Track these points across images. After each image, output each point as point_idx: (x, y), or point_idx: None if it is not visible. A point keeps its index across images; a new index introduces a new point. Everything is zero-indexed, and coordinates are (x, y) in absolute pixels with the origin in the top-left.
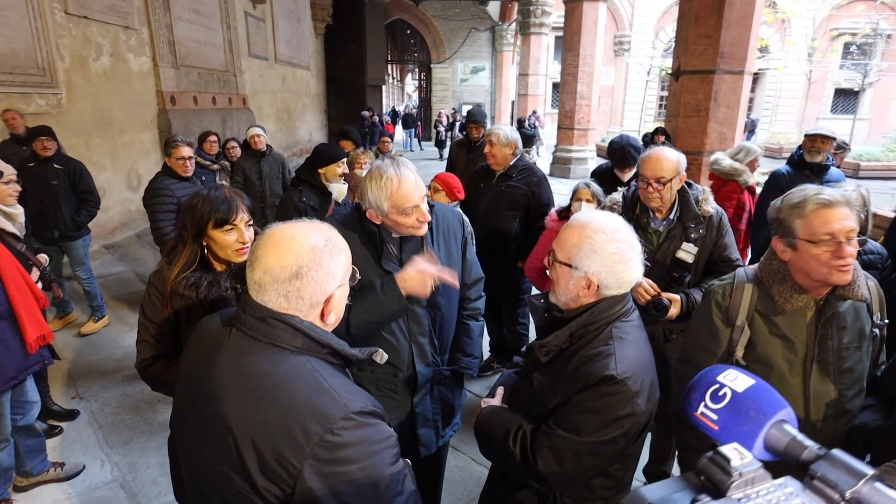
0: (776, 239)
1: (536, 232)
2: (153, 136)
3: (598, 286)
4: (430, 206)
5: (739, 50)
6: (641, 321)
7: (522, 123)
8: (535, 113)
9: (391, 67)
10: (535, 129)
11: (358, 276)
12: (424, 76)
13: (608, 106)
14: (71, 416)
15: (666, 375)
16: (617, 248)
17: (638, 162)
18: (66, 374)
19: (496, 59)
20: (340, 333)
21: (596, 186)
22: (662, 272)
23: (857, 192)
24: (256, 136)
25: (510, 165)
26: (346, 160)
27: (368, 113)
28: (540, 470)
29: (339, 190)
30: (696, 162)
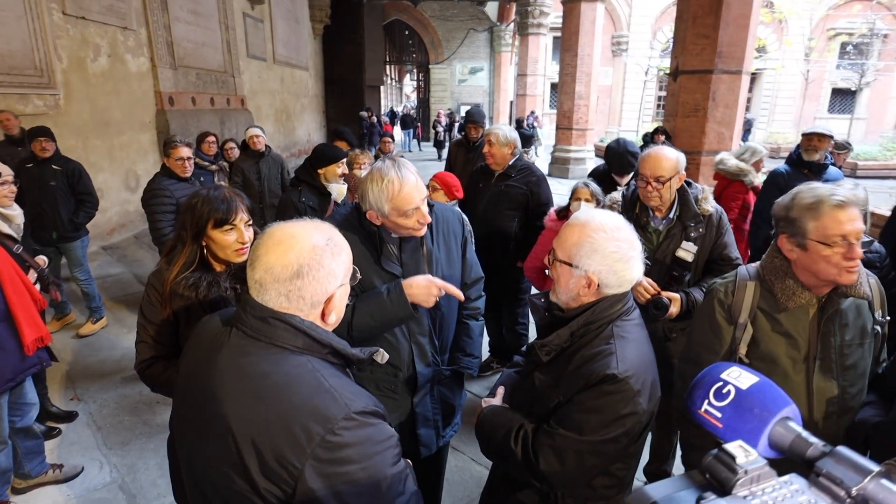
0: (784, 238)
1: (535, 231)
2: (151, 136)
3: (598, 285)
4: (429, 205)
5: (737, 50)
6: (642, 320)
7: (521, 124)
8: (533, 113)
9: (389, 68)
10: (533, 129)
11: (359, 275)
12: (423, 77)
13: (606, 106)
14: (69, 417)
15: (666, 374)
16: (617, 246)
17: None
18: (64, 375)
19: (494, 59)
20: (342, 334)
21: (595, 186)
22: (662, 271)
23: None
24: (255, 136)
25: (509, 165)
26: (345, 160)
27: (367, 113)
28: (541, 469)
29: (338, 190)
30: (694, 161)
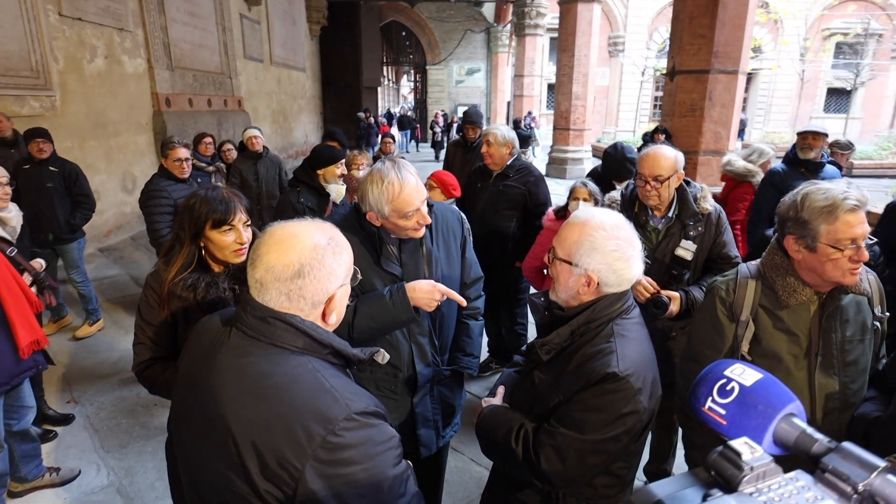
0: (791, 239)
1: (534, 231)
2: (148, 138)
3: (598, 283)
4: (429, 205)
5: (733, 50)
6: (642, 318)
7: (518, 124)
8: (530, 114)
9: (386, 69)
10: (531, 129)
11: (359, 276)
12: (420, 78)
13: (603, 106)
14: (66, 420)
15: (666, 373)
16: (617, 245)
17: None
18: (61, 378)
19: (491, 60)
20: (342, 335)
21: (593, 185)
22: (661, 270)
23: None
24: (253, 137)
25: (507, 165)
26: (344, 161)
27: (364, 114)
28: (543, 469)
29: (337, 191)
30: (691, 161)
